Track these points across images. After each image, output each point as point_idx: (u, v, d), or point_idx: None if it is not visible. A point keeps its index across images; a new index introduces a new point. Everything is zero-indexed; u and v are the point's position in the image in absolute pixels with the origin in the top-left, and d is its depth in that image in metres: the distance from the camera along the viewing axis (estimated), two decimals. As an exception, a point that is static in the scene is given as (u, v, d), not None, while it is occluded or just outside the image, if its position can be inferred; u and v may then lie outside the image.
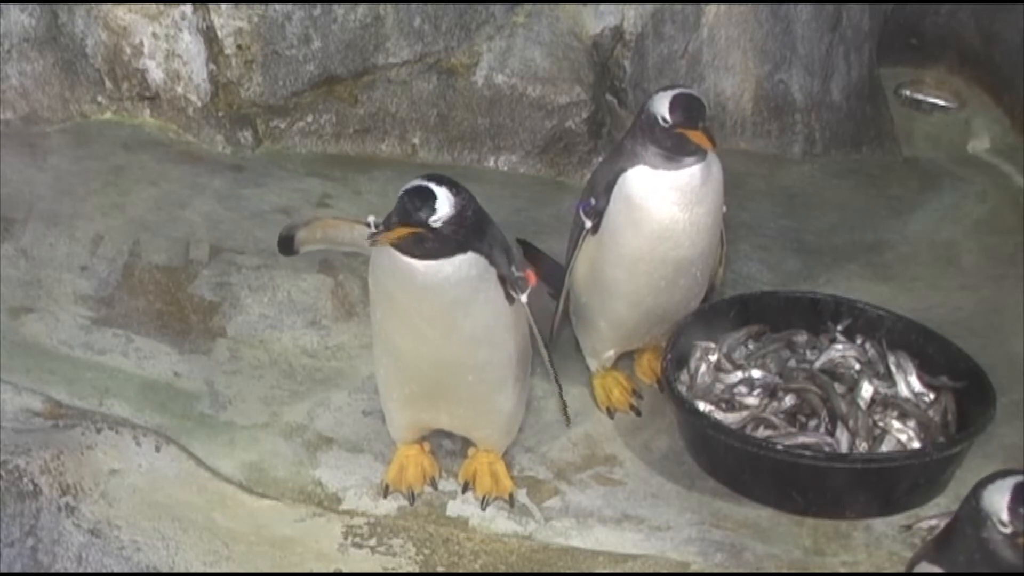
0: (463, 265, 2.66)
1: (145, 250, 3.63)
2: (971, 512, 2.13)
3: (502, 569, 2.88)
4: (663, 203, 3.00)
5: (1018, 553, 2.07)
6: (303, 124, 4.23)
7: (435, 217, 2.60)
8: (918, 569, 2.22)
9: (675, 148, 2.97)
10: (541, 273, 3.34)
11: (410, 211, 2.60)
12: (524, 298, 2.77)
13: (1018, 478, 2.09)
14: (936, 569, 2.18)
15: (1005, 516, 2.07)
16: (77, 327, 3.38)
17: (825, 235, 4.06)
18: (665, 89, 3.05)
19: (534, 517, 2.96)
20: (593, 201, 3.07)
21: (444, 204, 2.61)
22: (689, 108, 2.96)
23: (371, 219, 2.80)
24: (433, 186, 2.62)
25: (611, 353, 3.27)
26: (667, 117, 2.96)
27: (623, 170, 3.03)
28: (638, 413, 3.25)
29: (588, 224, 3.08)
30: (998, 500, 2.09)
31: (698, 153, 3.00)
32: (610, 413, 3.24)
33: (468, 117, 4.24)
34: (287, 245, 3.07)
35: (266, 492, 2.99)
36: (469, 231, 2.66)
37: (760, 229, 3.99)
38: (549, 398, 3.20)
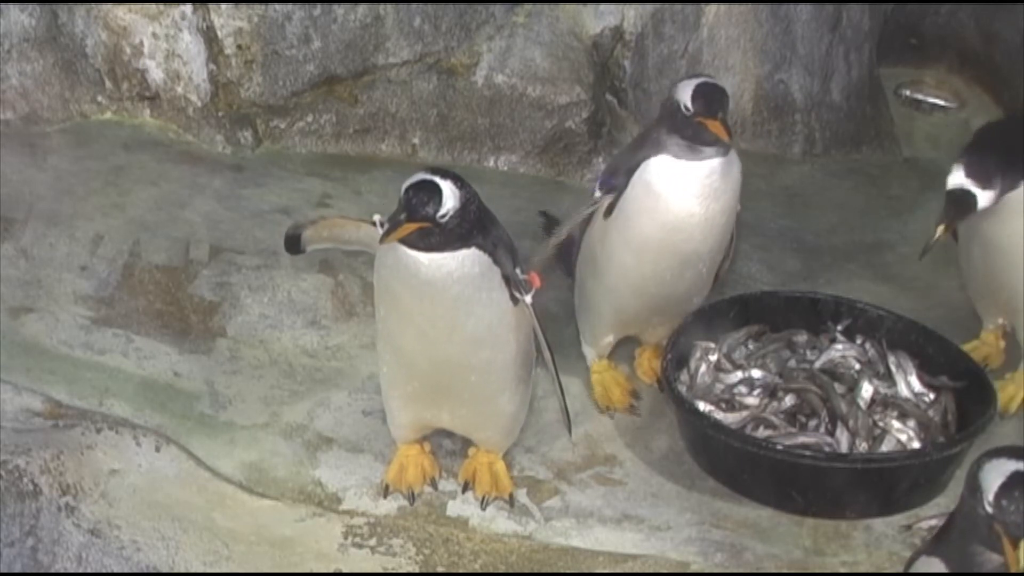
0: (466, 261, 2.66)
1: (145, 250, 3.63)
2: (969, 477, 2.14)
3: (502, 569, 2.88)
4: (682, 194, 3.01)
5: (991, 537, 2.08)
6: (303, 124, 4.23)
7: (441, 211, 2.60)
8: (917, 564, 2.22)
9: (694, 137, 2.98)
10: (560, 252, 3.35)
11: (417, 206, 2.59)
12: (529, 299, 2.77)
13: (1020, 465, 2.09)
14: (935, 561, 2.18)
15: (991, 497, 2.08)
16: (77, 327, 3.38)
17: (825, 235, 4.06)
18: (690, 77, 3.06)
19: (534, 517, 2.96)
20: (613, 179, 3.07)
21: (449, 198, 2.61)
22: (710, 97, 2.97)
23: (376, 218, 2.80)
24: (438, 180, 2.62)
25: (610, 339, 3.27)
26: (688, 105, 2.96)
27: (646, 157, 3.03)
28: (637, 413, 3.25)
29: (598, 194, 3.08)
30: (992, 479, 2.09)
31: (719, 146, 3.00)
32: (609, 413, 3.24)
33: (468, 117, 4.24)
34: (294, 244, 3.06)
35: (266, 492, 2.99)
36: (473, 225, 2.66)
37: (760, 229, 3.99)
38: (550, 398, 3.20)
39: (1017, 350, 3.27)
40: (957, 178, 2.97)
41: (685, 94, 2.98)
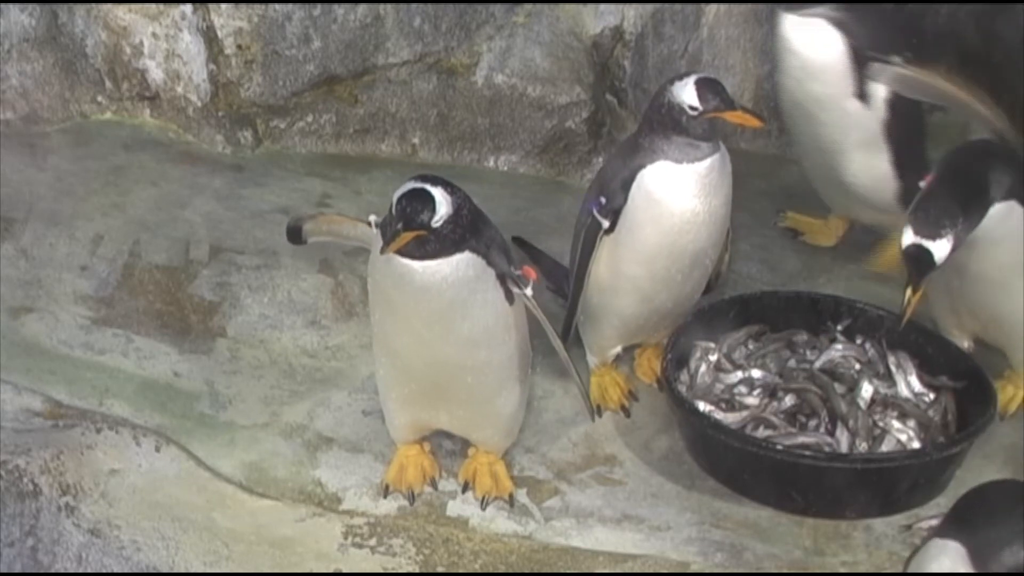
0: (460, 265, 2.66)
1: (145, 250, 3.64)
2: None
3: (502, 569, 2.88)
4: (684, 196, 3.00)
5: None
6: (303, 124, 4.23)
7: (436, 219, 2.60)
8: (928, 546, 2.22)
9: (705, 135, 2.97)
10: (540, 270, 3.35)
11: (412, 216, 2.59)
12: (529, 291, 2.77)
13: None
14: (946, 541, 2.18)
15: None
16: (77, 327, 3.38)
17: (825, 235, 4.06)
18: (680, 78, 3.01)
19: (534, 517, 2.96)
20: (604, 200, 3.05)
21: (442, 204, 2.61)
22: (720, 91, 2.96)
23: (372, 218, 2.81)
24: (428, 187, 2.62)
25: (618, 349, 3.27)
26: (696, 105, 2.93)
27: (641, 166, 3.00)
28: (627, 415, 3.24)
29: (606, 224, 3.06)
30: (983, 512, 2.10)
31: (713, 141, 3.00)
32: (599, 411, 3.23)
33: (468, 117, 4.24)
34: (295, 234, 3.11)
35: (266, 492, 2.99)
36: (466, 229, 2.66)
37: (760, 229, 3.98)
38: (549, 398, 3.20)
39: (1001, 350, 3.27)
40: (908, 237, 2.87)
41: (687, 95, 2.95)
